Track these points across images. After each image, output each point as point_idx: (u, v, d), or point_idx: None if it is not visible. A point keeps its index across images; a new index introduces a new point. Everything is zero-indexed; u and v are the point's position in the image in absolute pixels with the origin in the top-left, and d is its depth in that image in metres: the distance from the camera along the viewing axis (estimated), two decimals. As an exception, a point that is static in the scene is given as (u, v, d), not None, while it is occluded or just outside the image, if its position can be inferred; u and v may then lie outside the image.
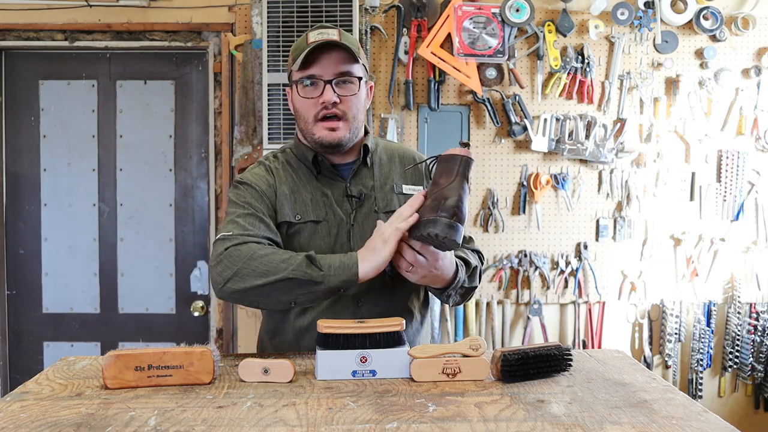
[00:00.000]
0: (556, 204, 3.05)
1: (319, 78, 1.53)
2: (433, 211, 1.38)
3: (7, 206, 3.14)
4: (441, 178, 1.42)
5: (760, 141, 3.05)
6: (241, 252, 1.44)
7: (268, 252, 1.44)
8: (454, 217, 1.37)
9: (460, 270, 1.53)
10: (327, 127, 1.55)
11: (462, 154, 1.42)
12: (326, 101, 1.53)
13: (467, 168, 1.42)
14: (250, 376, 1.31)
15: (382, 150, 1.70)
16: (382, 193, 1.62)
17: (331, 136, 1.55)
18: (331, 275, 1.41)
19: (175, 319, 3.16)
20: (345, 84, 1.55)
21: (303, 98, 1.56)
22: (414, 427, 1.06)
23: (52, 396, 1.23)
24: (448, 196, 1.38)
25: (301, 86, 1.55)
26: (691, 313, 3.10)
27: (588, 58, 2.98)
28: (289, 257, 1.43)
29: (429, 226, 1.37)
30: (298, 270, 1.40)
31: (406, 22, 2.96)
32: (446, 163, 1.42)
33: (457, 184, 1.40)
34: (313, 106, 1.55)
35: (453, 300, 1.59)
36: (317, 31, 1.55)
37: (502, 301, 3.06)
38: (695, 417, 1.12)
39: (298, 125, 1.62)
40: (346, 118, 1.56)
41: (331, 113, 1.54)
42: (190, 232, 3.15)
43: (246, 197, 1.57)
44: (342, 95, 1.54)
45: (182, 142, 3.14)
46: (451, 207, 1.37)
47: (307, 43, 1.54)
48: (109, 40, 3.03)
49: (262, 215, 1.54)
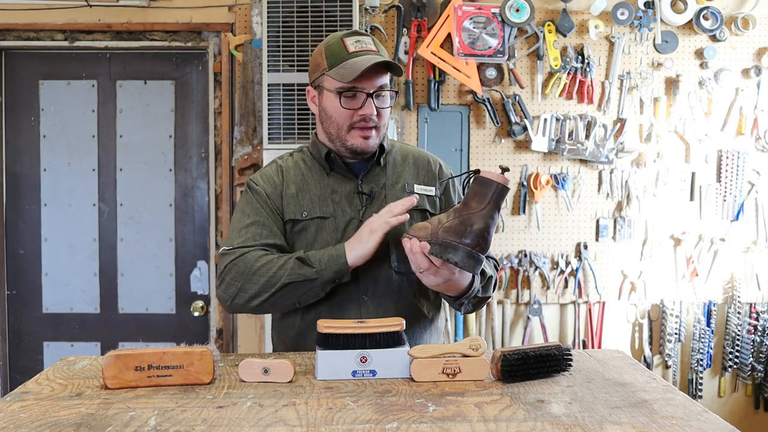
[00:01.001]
0: (556, 204, 3.05)
1: (361, 90, 1.55)
2: (457, 236, 1.35)
3: (7, 206, 3.14)
4: (473, 200, 1.37)
5: (760, 141, 3.05)
6: (240, 267, 1.53)
7: (264, 263, 1.52)
8: (477, 247, 1.34)
9: (475, 280, 1.54)
10: (362, 135, 1.58)
11: (499, 182, 1.36)
12: (368, 115, 1.56)
13: (501, 197, 1.36)
14: (250, 376, 1.31)
15: (397, 151, 1.72)
16: (393, 191, 1.64)
17: (365, 144, 1.59)
18: (323, 269, 1.50)
19: (175, 319, 3.16)
20: (382, 96, 1.59)
21: (342, 108, 1.56)
22: (414, 427, 1.06)
23: (52, 396, 1.23)
24: (475, 223, 1.34)
25: (343, 96, 1.56)
26: (691, 313, 3.10)
27: (588, 58, 2.98)
28: (283, 263, 1.51)
29: (450, 252, 1.35)
30: (292, 274, 1.50)
31: (406, 22, 2.96)
32: (481, 186, 1.37)
33: (488, 213, 1.35)
34: (350, 116, 1.57)
35: (465, 308, 1.60)
36: (354, 38, 1.57)
37: (502, 301, 3.06)
38: (695, 417, 1.11)
39: (325, 128, 1.62)
40: (379, 127, 1.60)
41: (369, 125, 1.58)
42: (190, 232, 3.15)
43: (253, 204, 1.62)
44: (379, 107, 1.58)
45: (182, 142, 3.14)
46: (476, 236, 1.34)
47: (347, 51, 1.55)
48: (109, 40, 3.03)
49: (266, 221, 1.59)
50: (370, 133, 1.58)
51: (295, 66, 2.71)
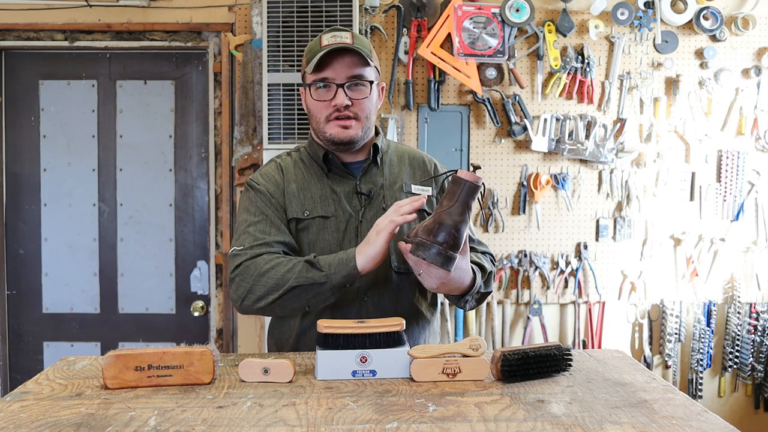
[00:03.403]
0: (556, 204, 3.05)
1: (331, 81, 1.58)
2: (430, 234, 1.37)
3: (7, 206, 3.14)
4: (445, 199, 1.40)
5: (760, 141, 3.05)
6: (250, 269, 1.52)
7: (273, 264, 1.51)
8: (445, 245, 1.36)
9: (477, 276, 1.55)
10: (339, 125, 1.59)
11: (468, 180, 1.37)
12: (338, 104, 1.58)
13: (470, 194, 1.38)
14: (250, 376, 1.31)
15: (393, 151, 1.74)
16: (391, 191, 1.65)
17: (343, 134, 1.60)
18: (332, 273, 1.48)
19: (175, 319, 3.16)
20: (357, 87, 1.59)
21: (316, 100, 1.60)
22: (414, 427, 1.06)
23: (52, 396, 1.23)
24: (444, 221, 1.37)
25: (314, 88, 1.60)
26: (691, 313, 3.10)
27: (588, 58, 2.98)
28: (292, 266, 1.49)
29: (421, 250, 1.37)
30: (300, 277, 1.48)
31: (406, 22, 2.96)
32: (453, 185, 1.39)
33: (456, 210, 1.37)
34: (325, 108, 1.60)
35: (469, 305, 1.61)
36: (331, 33, 1.59)
37: (502, 301, 3.06)
38: (695, 417, 1.12)
39: (311, 125, 1.66)
40: (358, 118, 1.61)
41: (344, 115, 1.59)
42: (190, 232, 3.15)
43: (257, 202, 1.62)
44: (354, 98, 1.59)
45: (182, 142, 3.14)
46: (445, 234, 1.36)
47: (320, 45, 1.58)
48: (109, 40, 3.03)
49: (272, 219, 1.60)
50: (348, 123, 1.59)
51: (295, 66, 2.71)
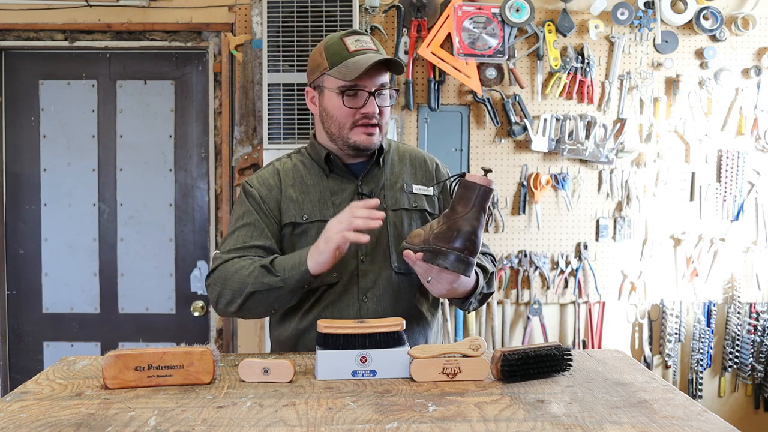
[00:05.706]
0: (556, 204, 3.05)
1: (363, 89, 1.56)
2: (446, 241, 1.37)
3: (7, 206, 3.14)
4: (458, 204, 1.39)
5: (760, 141, 3.05)
6: (221, 273, 1.55)
7: (237, 268, 1.53)
8: (466, 251, 1.36)
9: (480, 279, 1.56)
10: (365, 132, 1.59)
11: (482, 184, 1.37)
12: (370, 113, 1.57)
13: (485, 199, 1.38)
14: (250, 376, 1.31)
15: (394, 151, 1.73)
16: (392, 191, 1.65)
17: (368, 141, 1.59)
18: (287, 278, 1.48)
19: (175, 319, 3.16)
20: (383, 95, 1.59)
21: (345, 106, 1.57)
22: (414, 427, 1.06)
23: (52, 396, 1.23)
24: (462, 227, 1.36)
25: (342, 94, 1.57)
26: (691, 313, 3.10)
27: (588, 58, 2.98)
28: (252, 270, 1.51)
29: (440, 258, 1.37)
30: (257, 282, 1.49)
31: (406, 22, 2.95)
32: (465, 189, 1.39)
33: (473, 216, 1.37)
34: (352, 115, 1.58)
35: (473, 306, 1.62)
36: (354, 37, 1.58)
37: (502, 301, 3.06)
38: (695, 417, 1.12)
39: (326, 128, 1.63)
40: (381, 126, 1.61)
41: (371, 123, 1.58)
42: (190, 232, 3.15)
43: (246, 206, 1.63)
44: (380, 106, 1.59)
45: (182, 142, 3.14)
46: (464, 240, 1.36)
47: (348, 50, 1.56)
48: (109, 40, 3.03)
49: (257, 223, 1.60)
50: (373, 131, 1.59)
51: (295, 66, 2.71)
